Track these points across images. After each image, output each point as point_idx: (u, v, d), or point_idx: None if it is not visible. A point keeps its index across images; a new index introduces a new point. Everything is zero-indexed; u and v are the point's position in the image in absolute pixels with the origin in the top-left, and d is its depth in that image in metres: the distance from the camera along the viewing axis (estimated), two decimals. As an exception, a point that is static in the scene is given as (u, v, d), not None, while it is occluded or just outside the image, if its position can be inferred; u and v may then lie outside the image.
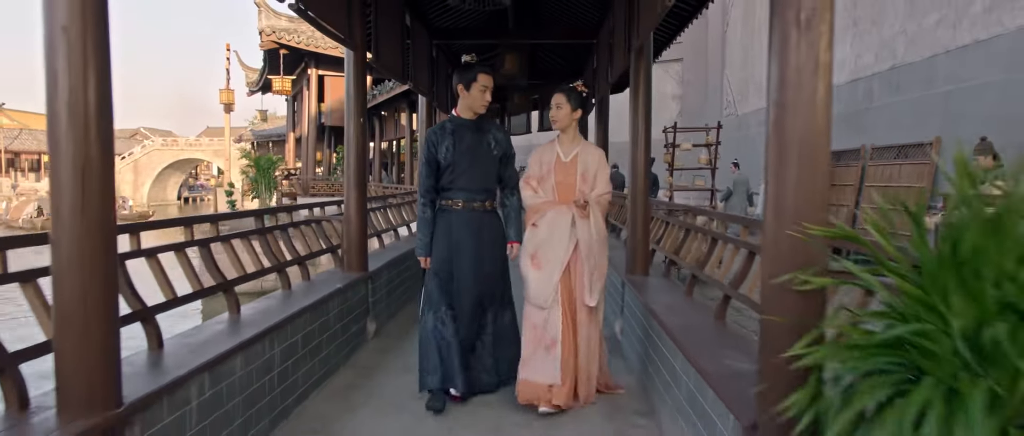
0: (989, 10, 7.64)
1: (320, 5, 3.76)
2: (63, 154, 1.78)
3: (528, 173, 3.42)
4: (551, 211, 3.29)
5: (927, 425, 1.20)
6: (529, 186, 3.41)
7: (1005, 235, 1.23)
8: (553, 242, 3.24)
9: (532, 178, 3.40)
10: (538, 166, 3.40)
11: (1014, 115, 7.09)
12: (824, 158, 1.67)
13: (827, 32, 1.65)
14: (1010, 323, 1.17)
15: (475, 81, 3.35)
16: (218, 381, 2.50)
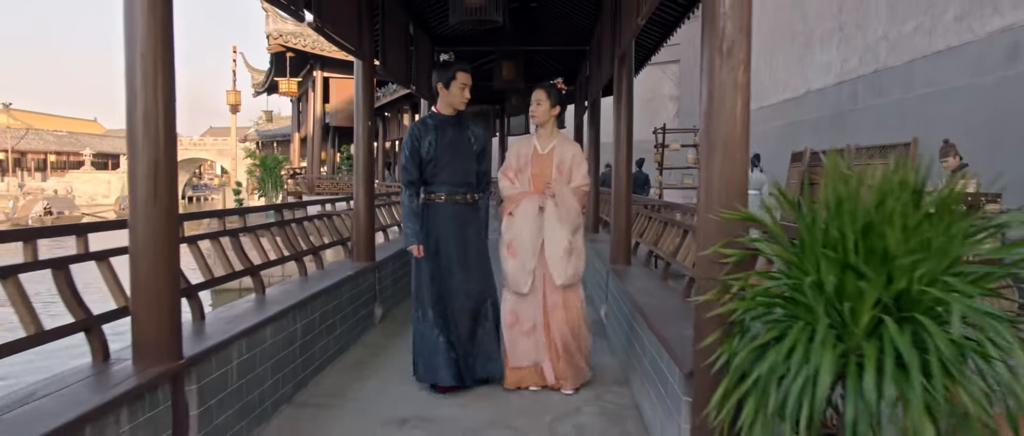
0: (960, 18, 8.06)
1: (335, 22, 4.21)
2: (140, 156, 2.23)
3: (506, 165, 3.59)
4: (524, 200, 3.46)
5: (795, 355, 1.65)
6: (507, 177, 3.57)
7: (848, 216, 1.67)
8: (525, 230, 3.42)
9: (510, 169, 3.56)
10: (516, 158, 3.56)
11: (979, 117, 7.52)
12: (742, 157, 2.11)
13: (744, 59, 2.09)
14: (839, 278, 1.62)
15: (454, 79, 3.47)
16: (252, 347, 2.95)
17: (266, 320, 3.11)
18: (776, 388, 1.66)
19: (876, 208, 1.66)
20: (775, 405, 1.64)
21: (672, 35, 6.89)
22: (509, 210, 3.51)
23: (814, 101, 12.34)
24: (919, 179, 1.70)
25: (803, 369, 1.61)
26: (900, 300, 1.64)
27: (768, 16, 14.80)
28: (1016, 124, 7.03)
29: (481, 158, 3.62)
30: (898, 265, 1.60)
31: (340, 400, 3.44)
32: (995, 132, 7.28)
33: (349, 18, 4.68)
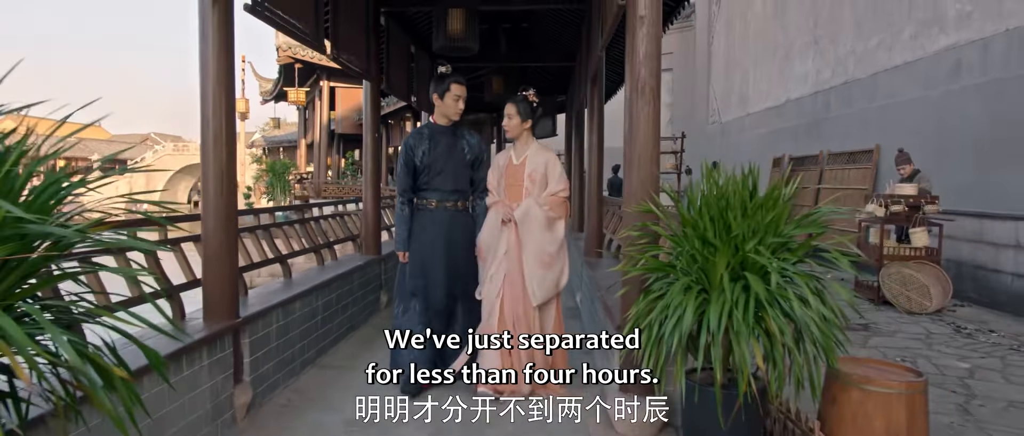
0: (914, 37, 8.83)
1: (349, 50, 5.01)
2: (211, 166, 3.01)
3: (489, 177, 3.73)
4: (491, 210, 3.61)
5: (672, 302, 2.41)
6: (488, 188, 3.72)
7: (707, 207, 2.44)
8: (491, 240, 3.54)
9: (491, 181, 3.70)
10: (495, 169, 3.69)
11: (930, 126, 8.28)
12: (652, 167, 2.87)
13: (653, 97, 2.85)
14: (700, 250, 2.39)
15: (449, 91, 3.60)
16: (287, 316, 3.73)
17: (295, 296, 3.89)
18: (660, 325, 2.43)
19: (722, 200, 2.43)
20: (657, 335, 2.41)
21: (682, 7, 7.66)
22: (488, 218, 3.64)
23: (793, 110, 13.10)
24: (753, 181, 2.47)
25: (676, 311, 2.39)
26: (743, 264, 2.41)
27: (753, 29, 15.59)
28: (958, 133, 7.79)
29: (476, 166, 3.75)
30: (738, 240, 2.37)
31: (354, 363, 4.21)
32: (941, 140, 8.03)
33: (359, 44, 5.47)
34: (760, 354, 2.32)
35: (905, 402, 2.65)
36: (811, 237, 2.49)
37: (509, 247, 3.47)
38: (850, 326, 5.89)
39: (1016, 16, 6.89)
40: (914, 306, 6.61)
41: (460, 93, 3.64)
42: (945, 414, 3.68)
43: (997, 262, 6.93)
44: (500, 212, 3.52)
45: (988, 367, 4.65)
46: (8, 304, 1.38)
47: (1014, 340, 5.47)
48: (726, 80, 17.67)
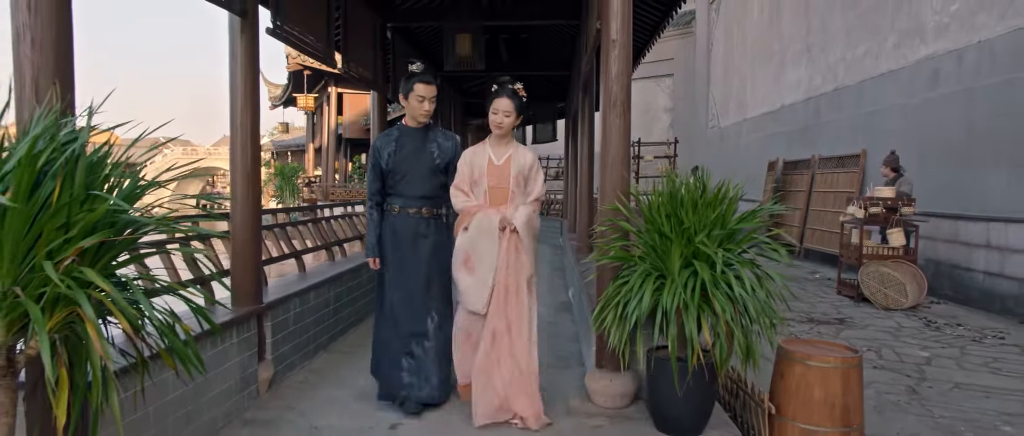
0: (897, 46, 9.22)
1: (358, 65, 5.45)
2: (239, 169, 3.45)
3: (458, 178, 3.31)
4: (479, 214, 3.21)
5: (635, 287, 2.83)
6: (460, 191, 3.29)
7: (663, 205, 2.86)
8: (483, 244, 3.18)
9: (463, 183, 3.30)
10: (469, 169, 3.29)
11: (912, 132, 8.66)
12: (622, 170, 3.29)
13: (623, 112, 3.27)
14: (657, 241, 2.80)
15: (412, 91, 3.32)
16: (303, 305, 4.16)
17: (310, 287, 4.32)
18: (624, 306, 2.86)
19: (676, 199, 2.85)
20: (621, 314, 2.83)
21: (640, 60, 8.13)
22: (464, 224, 3.25)
23: (787, 115, 13.48)
24: (703, 183, 2.89)
25: (637, 294, 2.81)
26: (695, 253, 2.83)
27: (750, 37, 15.99)
28: (935, 139, 8.17)
29: (449, 171, 3.43)
30: (689, 233, 2.79)
31: (362, 349, 4.62)
32: (921, 146, 8.41)
33: (367, 57, 5.91)
34: (707, 329, 2.73)
35: (840, 374, 3.07)
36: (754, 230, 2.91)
37: (507, 258, 3.17)
38: (827, 319, 6.31)
39: (986, 29, 7.27)
40: (891, 303, 7.00)
41: (425, 93, 3.33)
42: (895, 394, 4.09)
43: (970, 261, 7.31)
44: (492, 218, 3.18)
45: (946, 356, 5.05)
46: (108, 274, 1.81)
47: (978, 333, 5.85)
48: (725, 85, 18.06)
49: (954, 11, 7.94)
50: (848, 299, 7.51)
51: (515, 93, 3.27)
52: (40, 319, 1.60)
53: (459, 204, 3.31)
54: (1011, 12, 6.91)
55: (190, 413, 2.85)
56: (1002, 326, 6.11)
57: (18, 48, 2.05)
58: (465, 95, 11.95)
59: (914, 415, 3.71)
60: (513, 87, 3.29)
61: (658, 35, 6.91)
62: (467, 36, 6.04)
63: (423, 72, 3.37)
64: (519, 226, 3.20)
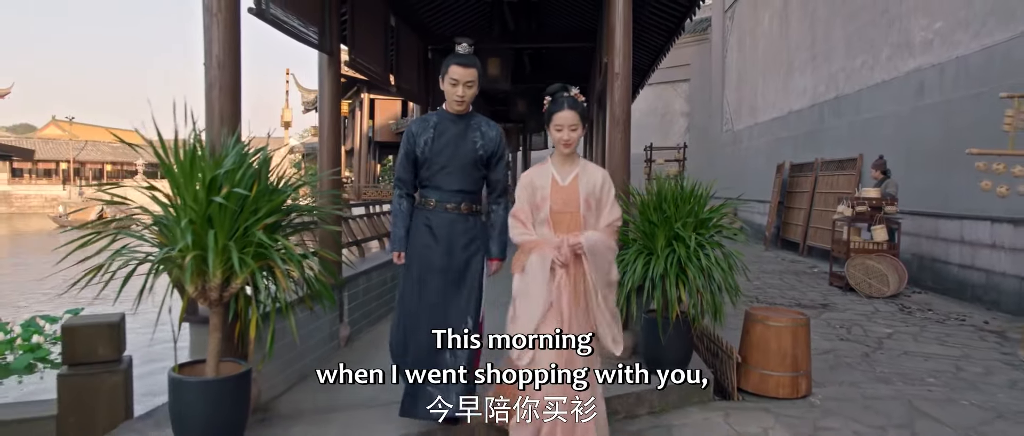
0: (890, 58, 10.02)
1: (406, 84, 6.45)
2: (326, 169, 4.45)
3: (517, 206, 2.81)
4: (535, 253, 2.70)
5: (629, 262, 3.78)
6: (518, 221, 2.79)
7: (651, 201, 3.80)
8: (532, 290, 2.68)
9: (521, 211, 2.79)
10: (530, 193, 2.79)
11: (902, 138, 9.47)
12: (623, 176, 4.22)
13: (624, 129, 4.21)
14: (649, 228, 3.75)
15: (446, 74, 2.96)
16: (367, 281, 5.16)
17: (372, 268, 5.33)
18: (622, 275, 3.80)
19: (661, 195, 3.79)
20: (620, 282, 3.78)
21: (660, 60, 9.03)
22: (521, 264, 2.73)
23: (794, 120, 14.27)
24: (681, 183, 3.83)
25: (631, 266, 3.76)
26: (676, 236, 3.77)
27: (761, 45, 16.77)
28: (920, 144, 8.97)
29: (492, 164, 3.10)
30: (671, 221, 3.74)
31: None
32: (909, 151, 9.22)
33: (412, 77, 6.90)
34: (684, 292, 3.67)
35: (791, 332, 4.01)
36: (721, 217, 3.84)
37: (564, 297, 2.68)
38: (812, 304, 7.16)
39: (963, 46, 8.07)
40: (873, 291, 7.84)
41: (458, 77, 2.94)
42: (851, 358, 4.97)
43: (947, 255, 8.13)
44: (545, 257, 2.66)
45: (906, 332, 5.91)
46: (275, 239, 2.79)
47: (943, 316, 6.69)
48: (738, 91, 18.83)
49: (937, 28, 8.74)
50: (837, 289, 8.35)
51: (576, 102, 2.79)
52: (248, 263, 2.60)
53: (516, 236, 2.79)
54: (983, 32, 7.71)
55: (300, 353, 3.85)
56: (967, 311, 6.93)
57: (210, 93, 3.06)
58: (488, 101, 12.91)
59: (860, 371, 4.60)
60: (572, 95, 2.81)
61: (664, 54, 7.82)
62: (497, 59, 7.00)
63: (460, 54, 2.98)
64: (586, 247, 2.66)
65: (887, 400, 3.98)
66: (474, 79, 3.00)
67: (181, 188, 2.65)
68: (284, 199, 2.80)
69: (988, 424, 3.59)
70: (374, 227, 6.53)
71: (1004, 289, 6.99)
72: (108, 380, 3.09)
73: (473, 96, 3.04)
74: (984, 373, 4.58)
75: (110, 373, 3.10)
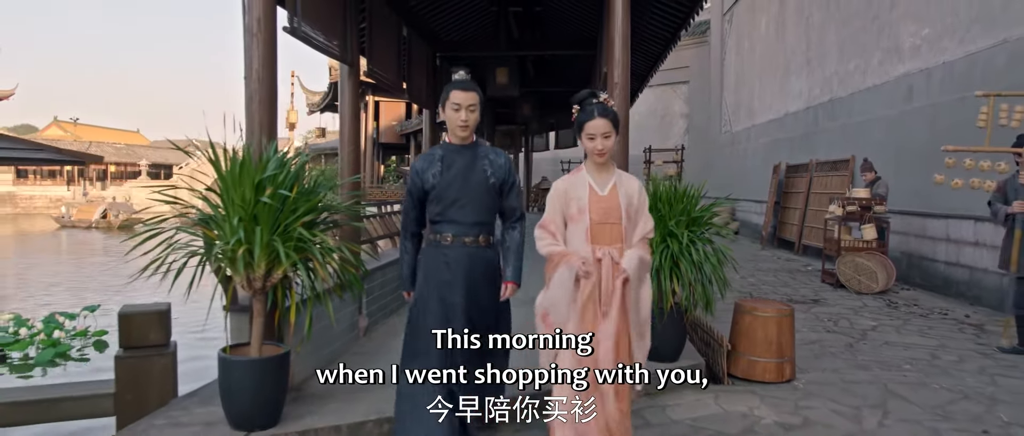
0: (881, 63, 10.36)
1: (416, 90, 6.80)
2: (346, 174, 4.80)
3: (548, 216, 2.74)
4: (563, 265, 2.64)
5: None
6: (547, 231, 2.72)
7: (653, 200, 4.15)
8: (561, 302, 2.65)
9: (551, 222, 2.72)
10: (563, 203, 2.71)
11: (892, 140, 9.81)
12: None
13: (623, 135, 4.55)
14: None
15: (448, 100, 2.87)
16: (383, 277, 5.52)
17: (387, 264, 5.68)
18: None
19: (656, 195, 4.14)
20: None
21: (658, 66, 9.39)
22: (550, 276, 2.69)
23: (790, 122, 14.62)
24: (674, 184, 4.18)
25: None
26: (671, 232, 4.12)
27: (758, 48, 17.12)
28: (909, 147, 9.31)
29: (505, 192, 3.00)
30: (666, 218, 4.09)
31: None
32: (898, 152, 9.56)
33: (422, 84, 7.26)
34: (677, 285, 4.03)
35: (776, 322, 4.36)
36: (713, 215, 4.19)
37: (603, 305, 2.62)
38: (804, 300, 7.51)
39: (949, 52, 8.42)
40: (863, 288, 8.18)
41: (461, 101, 2.85)
42: (835, 348, 5.32)
43: (934, 253, 8.47)
44: (572, 267, 2.61)
45: (890, 325, 6.25)
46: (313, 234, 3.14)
47: (928, 311, 7.03)
48: (736, 93, 19.18)
49: (925, 34, 9.09)
50: (829, 285, 8.70)
51: (607, 108, 2.70)
52: (291, 255, 2.96)
53: (543, 248, 2.72)
54: (967, 38, 8.06)
55: (327, 340, 4.21)
56: (951, 306, 7.27)
57: (250, 105, 3.41)
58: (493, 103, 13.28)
59: (842, 359, 4.95)
60: (601, 100, 2.73)
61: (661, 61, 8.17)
62: (505, 68, 7.37)
63: (460, 79, 2.91)
64: (631, 274, 2.60)
65: (864, 384, 4.33)
66: (476, 103, 2.89)
67: (231, 190, 3.00)
68: (320, 199, 3.16)
69: (954, 404, 3.94)
70: (385, 226, 6.88)
71: (986, 285, 7.33)
72: (159, 362, 3.44)
73: (476, 122, 2.91)
74: (957, 361, 4.92)
75: (160, 356, 3.46)
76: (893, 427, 3.57)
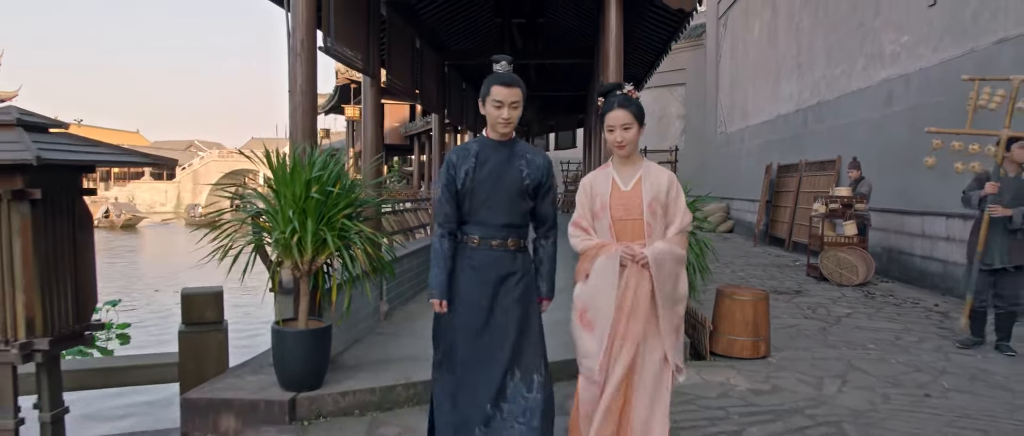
0: (865, 68, 10.93)
1: (427, 97, 7.35)
2: (368, 175, 5.36)
3: (578, 213, 2.73)
4: (602, 255, 2.59)
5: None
6: (579, 228, 2.70)
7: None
8: (601, 296, 2.57)
9: (582, 218, 2.70)
10: (589, 200, 2.69)
11: (873, 142, 10.37)
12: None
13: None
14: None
15: (488, 95, 2.70)
16: (400, 267, 6.07)
17: (403, 256, 6.24)
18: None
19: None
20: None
21: (652, 72, 9.93)
22: (585, 271, 2.65)
23: (782, 124, 15.18)
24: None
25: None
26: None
27: (752, 52, 17.68)
28: (891, 148, 9.87)
29: (541, 194, 2.82)
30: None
31: (436, 301, 6.55)
32: (881, 153, 10.12)
33: (433, 91, 7.80)
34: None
35: (752, 305, 4.91)
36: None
37: (629, 304, 2.56)
38: (787, 291, 8.05)
39: (925, 59, 8.98)
40: (843, 280, 8.74)
41: (503, 98, 2.67)
42: (809, 331, 5.88)
43: (911, 248, 9.03)
44: (613, 255, 2.56)
45: (863, 313, 6.81)
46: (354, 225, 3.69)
47: (901, 301, 7.59)
48: (731, 95, 19.75)
49: (904, 42, 9.65)
50: (813, 278, 9.26)
51: (628, 99, 2.63)
52: (335, 243, 3.52)
53: (578, 244, 2.69)
54: (941, 47, 8.62)
55: (354, 322, 4.76)
56: (924, 296, 7.83)
57: (294, 114, 3.97)
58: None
59: (814, 340, 5.51)
60: (624, 92, 2.66)
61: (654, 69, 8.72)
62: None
63: (502, 73, 2.72)
64: (651, 261, 2.53)
65: (831, 360, 4.89)
66: (519, 100, 2.70)
67: (284, 187, 3.56)
68: (358, 195, 3.71)
69: (906, 375, 4.50)
70: (400, 222, 7.44)
71: (956, 277, 7.89)
72: (214, 337, 4.00)
73: (518, 118, 2.73)
74: (918, 341, 5.48)
75: (216, 331, 4.02)
76: (849, 393, 4.12)
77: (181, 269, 15.92)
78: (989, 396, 4.07)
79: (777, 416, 3.67)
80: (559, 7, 7.75)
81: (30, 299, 2.77)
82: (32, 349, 2.81)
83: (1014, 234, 4.95)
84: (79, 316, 3.06)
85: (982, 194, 5.10)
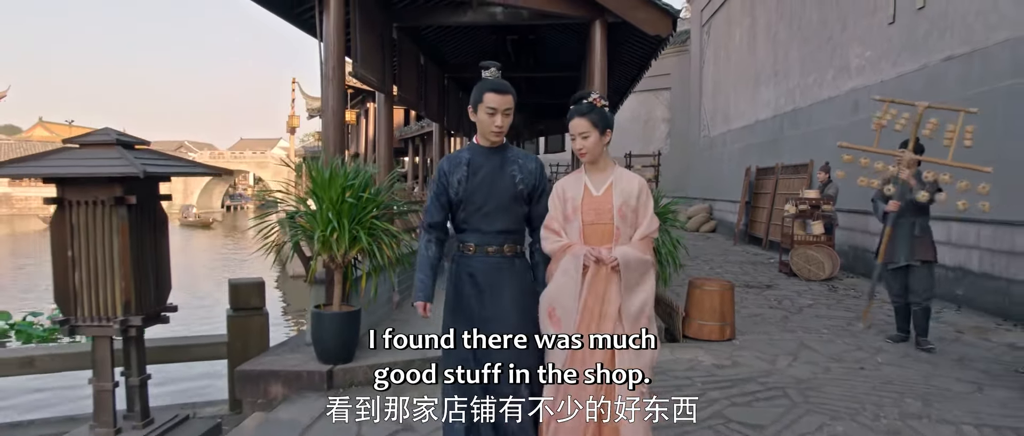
0: (835, 78, 11.73)
1: (430, 107, 8.05)
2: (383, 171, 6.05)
3: (549, 215, 2.75)
4: (567, 254, 2.63)
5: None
6: (550, 230, 2.72)
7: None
8: (565, 291, 2.62)
9: (554, 221, 2.72)
10: (561, 203, 2.72)
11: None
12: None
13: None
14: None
15: (481, 102, 2.69)
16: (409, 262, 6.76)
17: (410, 252, 6.91)
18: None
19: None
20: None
21: (635, 85, 10.66)
22: (553, 272, 2.71)
23: (760, 129, 15.99)
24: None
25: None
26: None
27: (733, 59, 18.50)
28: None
29: (535, 198, 2.84)
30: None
31: (440, 294, 7.25)
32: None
33: (435, 101, 8.49)
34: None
35: (719, 295, 5.66)
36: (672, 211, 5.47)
37: (593, 301, 2.60)
38: (758, 285, 8.81)
39: (884, 72, 9.78)
40: (811, 275, 9.52)
41: (496, 105, 2.68)
42: (772, 319, 6.63)
43: (874, 246, 9.81)
44: (577, 254, 2.61)
45: (824, 303, 7.58)
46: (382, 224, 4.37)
47: (861, 294, 8.36)
48: (714, 100, 20.55)
49: (868, 56, 10.46)
50: (784, 274, 10.04)
51: (591, 107, 2.67)
52: (366, 239, 4.21)
53: (548, 247, 2.73)
54: (899, 62, 9.42)
55: (372, 310, 5.45)
56: (882, 290, 8.57)
57: (326, 131, 4.66)
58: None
59: (775, 326, 6.26)
60: (588, 100, 2.71)
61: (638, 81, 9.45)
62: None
63: (494, 79, 2.72)
64: (620, 263, 2.57)
65: (787, 342, 5.63)
66: (511, 106, 2.71)
67: (323, 192, 4.25)
68: (384, 199, 4.41)
69: (848, 353, 5.26)
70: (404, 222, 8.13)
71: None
72: (257, 321, 4.68)
73: (509, 125, 2.75)
74: (866, 328, 6.25)
75: (259, 316, 4.69)
76: (798, 366, 4.87)
77: (180, 268, 16.52)
78: (913, 369, 4.83)
79: (734, 384, 4.41)
80: (549, 24, 8.49)
81: (127, 285, 3.44)
82: (128, 325, 3.49)
83: (916, 236, 5.49)
84: (159, 299, 3.74)
85: (885, 210, 5.58)
